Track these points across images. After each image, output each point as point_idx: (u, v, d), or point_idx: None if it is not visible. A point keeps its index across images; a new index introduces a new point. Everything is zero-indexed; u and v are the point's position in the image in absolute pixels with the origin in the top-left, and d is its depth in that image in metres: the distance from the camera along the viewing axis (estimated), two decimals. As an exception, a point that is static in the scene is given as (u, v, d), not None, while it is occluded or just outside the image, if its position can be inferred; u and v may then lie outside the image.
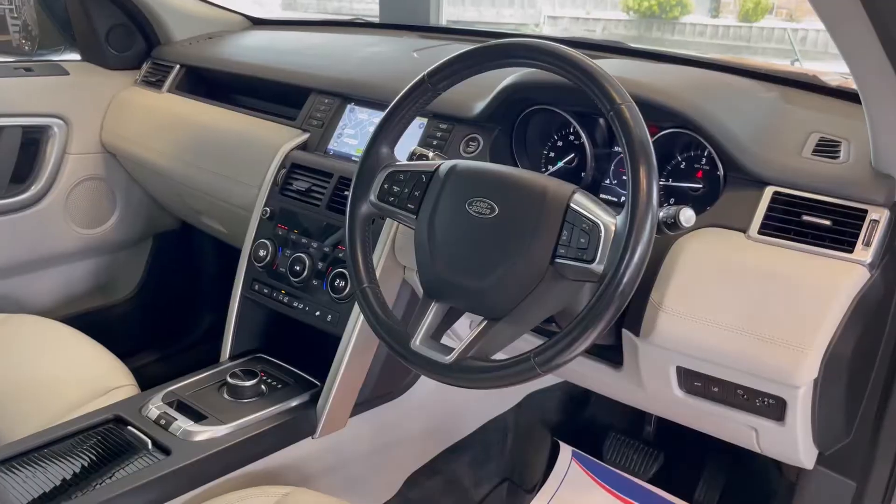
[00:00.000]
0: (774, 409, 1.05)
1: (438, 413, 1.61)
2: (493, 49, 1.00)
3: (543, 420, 1.81)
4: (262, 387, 1.35)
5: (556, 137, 1.34)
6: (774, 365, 0.97)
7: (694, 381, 1.10)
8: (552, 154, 1.34)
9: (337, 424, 1.36)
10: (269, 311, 1.49)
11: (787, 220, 1.03)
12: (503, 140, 1.33)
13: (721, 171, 1.12)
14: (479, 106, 1.32)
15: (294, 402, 1.33)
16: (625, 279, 0.85)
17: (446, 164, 1.05)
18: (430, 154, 1.16)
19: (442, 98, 1.36)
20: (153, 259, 2.15)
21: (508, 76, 1.26)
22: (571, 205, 0.94)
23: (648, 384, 1.15)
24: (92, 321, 1.94)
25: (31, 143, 1.86)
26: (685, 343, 1.03)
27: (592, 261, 0.90)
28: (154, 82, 1.93)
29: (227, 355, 1.49)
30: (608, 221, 0.90)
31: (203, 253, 2.21)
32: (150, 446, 1.20)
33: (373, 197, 1.09)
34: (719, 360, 1.02)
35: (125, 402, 1.30)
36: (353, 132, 1.51)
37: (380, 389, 1.43)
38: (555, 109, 1.28)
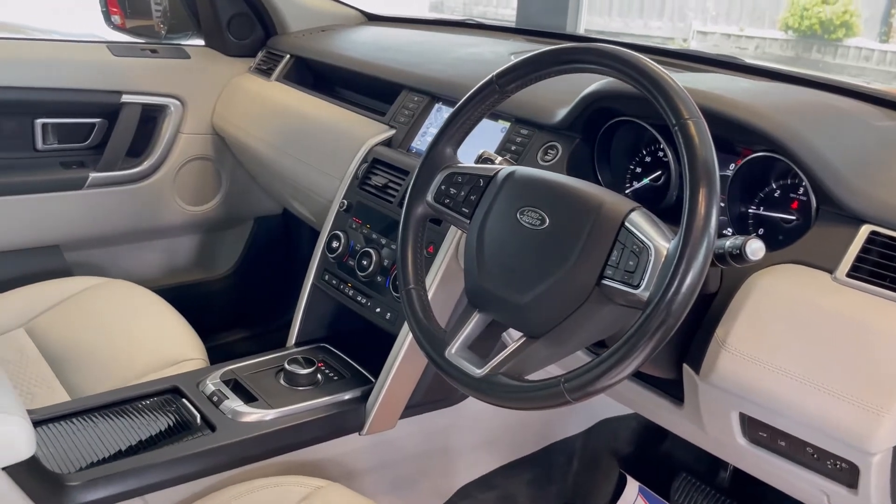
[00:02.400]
0: (847, 474, 0.93)
1: (497, 427, 1.56)
2: (561, 53, 0.94)
3: (613, 449, 1.72)
4: (318, 376, 1.36)
5: (644, 152, 1.26)
6: (845, 426, 0.86)
7: (759, 431, 1.00)
8: (639, 170, 1.26)
9: (386, 424, 1.35)
10: (338, 302, 1.49)
11: (882, 265, 0.91)
12: (585, 150, 1.27)
13: (814, 203, 1.01)
14: (561, 113, 1.26)
15: (346, 396, 1.33)
16: (671, 309, 0.78)
17: (505, 170, 1.01)
18: (498, 159, 1.11)
19: (526, 102, 1.32)
20: (252, 241, 2.22)
21: (593, 83, 1.19)
22: (626, 224, 0.87)
23: (709, 427, 1.06)
24: (185, 295, 2.03)
25: (149, 120, 1.97)
26: (748, 388, 0.93)
27: (639, 286, 0.83)
28: (265, 70, 2.00)
29: (293, 341, 1.51)
30: (660, 245, 0.83)
31: (299, 239, 2.26)
32: (198, 421, 1.22)
33: (429, 197, 1.06)
34: (785, 412, 0.92)
35: (186, 374, 1.34)
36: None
37: (434, 394, 1.40)
38: (640, 122, 1.20)
